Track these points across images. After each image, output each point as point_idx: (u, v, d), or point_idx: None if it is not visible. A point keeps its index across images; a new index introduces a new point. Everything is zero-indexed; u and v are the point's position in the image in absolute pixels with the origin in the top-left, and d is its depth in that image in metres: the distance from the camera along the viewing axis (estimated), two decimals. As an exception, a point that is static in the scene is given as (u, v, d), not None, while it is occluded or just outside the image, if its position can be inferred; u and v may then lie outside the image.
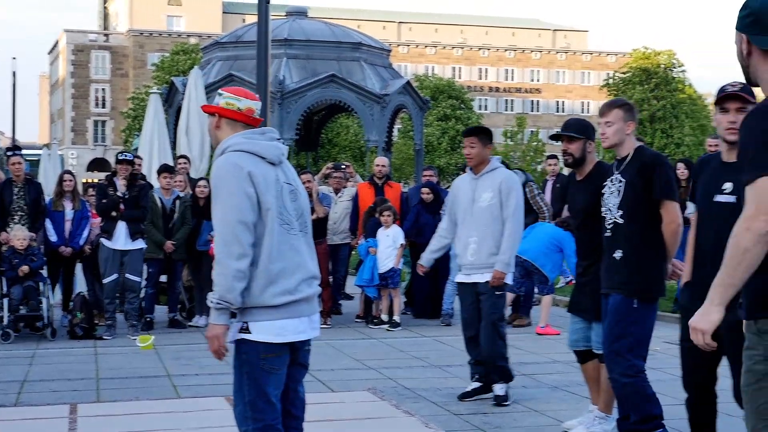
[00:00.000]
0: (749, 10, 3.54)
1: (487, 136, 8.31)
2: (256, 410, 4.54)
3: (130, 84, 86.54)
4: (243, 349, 4.54)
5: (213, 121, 4.73)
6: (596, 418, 7.03)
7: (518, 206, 8.10)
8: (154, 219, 12.50)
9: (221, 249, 4.44)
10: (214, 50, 23.05)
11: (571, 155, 7.06)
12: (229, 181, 4.47)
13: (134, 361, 10.27)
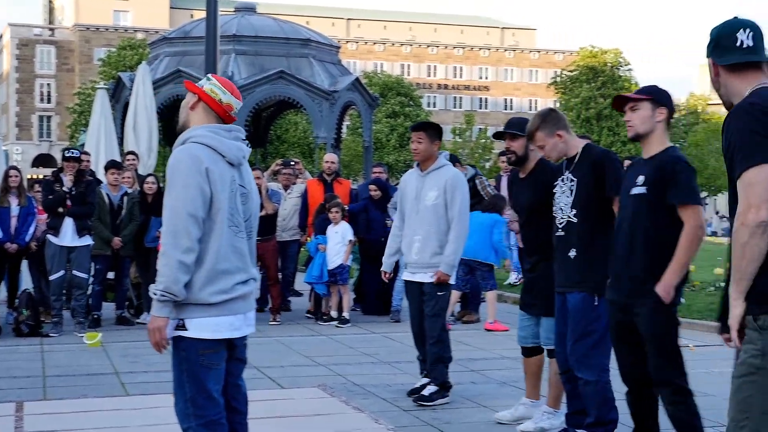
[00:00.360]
0: (711, 37, 4.00)
1: (435, 132, 8.22)
2: (197, 406, 4.55)
3: (76, 79, 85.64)
4: (181, 346, 4.55)
5: (191, 101, 4.71)
6: (545, 413, 7.09)
7: (463, 206, 8.05)
8: (102, 215, 12.40)
9: (169, 240, 4.42)
10: (161, 46, 22.87)
11: (513, 153, 7.14)
12: (186, 173, 4.45)
13: (81, 359, 10.18)
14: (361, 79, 24.26)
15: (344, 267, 12.89)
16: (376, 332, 12.29)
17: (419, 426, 7.26)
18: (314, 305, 13.62)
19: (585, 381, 6.22)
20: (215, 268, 4.48)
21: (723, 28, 4.04)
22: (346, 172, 58.80)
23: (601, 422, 6.22)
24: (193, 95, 4.69)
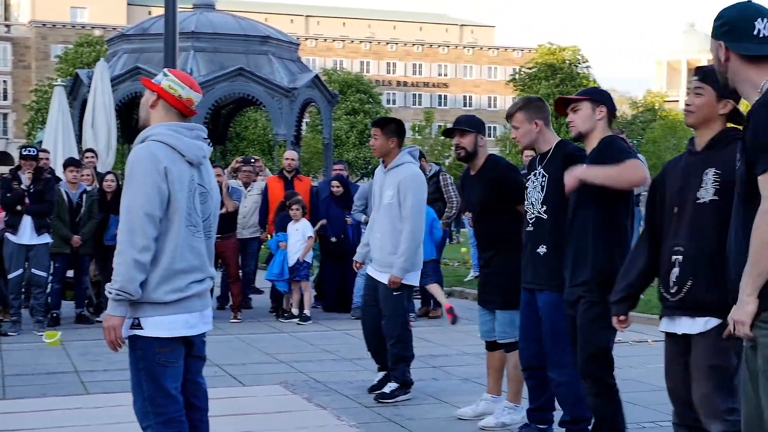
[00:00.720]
0: (723, 20, 3.89)
1: (391, 128, 8.13)
2: (156, 405, 4.56)
3: (32, 76, 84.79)
4: (138, 345, 4.55)
5: (150, 99, 4.68)
6: (505, 408, 7.13)
7: (415, 207, 7.92)
8: (61, 213, 12.32)
9: (125, 238, 4.40)
10: (119, 43, 22.71)
11: (463, 149, 7.18)
12: (144, 172, 4.44)
13: (41, 358, 10.12)
14: (321, 77, 24.20)
15: (305, 264, 12.88)
16: (336, 329, 12.30)
17: (381, 422, 7.29)
18: (275, 303, 13.60)
19: (558, 382, 6.24)
20: (171, 268, 4.48)
21: (740, 12, 3.91)
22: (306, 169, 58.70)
23: (577, 420, 6.25)
24: (151, 93, 4.67)
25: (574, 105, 5.82)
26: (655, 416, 7.35)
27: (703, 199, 4.49)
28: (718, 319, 4.43)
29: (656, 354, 10.11)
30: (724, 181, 4.41)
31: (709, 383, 4.48)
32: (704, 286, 4.48)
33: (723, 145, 4.51)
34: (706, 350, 4.48)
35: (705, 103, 4.57)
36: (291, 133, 21.85)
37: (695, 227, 4.53)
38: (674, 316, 4.63)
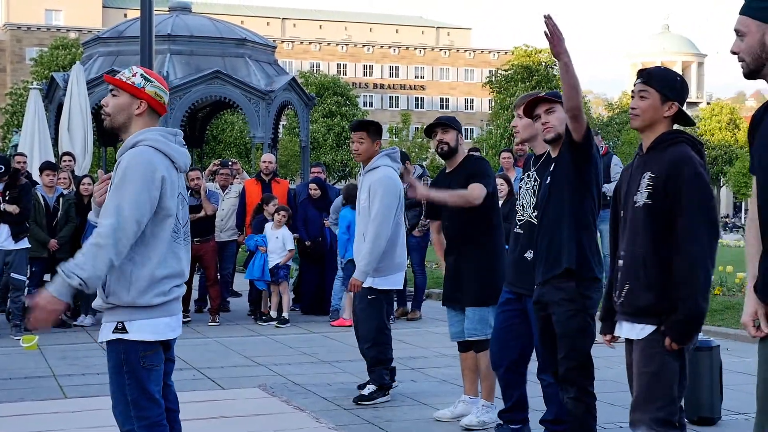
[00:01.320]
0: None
1: (375, 131, 8.06)
2: (140, 408, 4.52)
3: (7, 79, 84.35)
4: (121, 349, 4.50)
5: (135, 104, 4.58)
6: (483, 406, 7.16)
7: (382, 209, 7.81)
8: (38, 217, 12.27)
9: (110, 236, 4.31)
10: (95, 45, 22.64)
11: (446, 144, 7.24)
12: (141, 178, 4.39)
13: (18, 362, 10.08)
14: (298, 79, 24.20)
15: (284, 266, 12.88)
16: (315, 332, 12.31)
17: (360, 424, 7.30)
18: (253, 305, 13.59)
19: (548, 383, 6.27)
20: (157, 274, 4.47)
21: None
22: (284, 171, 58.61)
23: (559, 421, 6.27)
24: (133, 97, 4.57)
25: (548, 106, 5.81)
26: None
27: (638, 203, 4.48)
28: (652, 326, 4.45)
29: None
30: (656, 185, 4.41)
31: (641, 389, 4.48)
32: (639, 290, 4.48)
33: (662, 148, 4.50)
34: (639, 356, 4.49)
35: (650, 106, 4.54)
36: (268, 136, 21.84)
37: (632, 231, 4.53)
38: (620, 320, 4.66)
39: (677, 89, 4.58)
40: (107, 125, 4.64)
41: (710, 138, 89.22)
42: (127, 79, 4.58)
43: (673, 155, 4.43)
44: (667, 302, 4.41)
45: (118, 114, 4.59)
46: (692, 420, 7.27)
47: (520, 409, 6.67)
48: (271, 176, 14.07)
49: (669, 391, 4.43)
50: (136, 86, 4.58)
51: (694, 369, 7.26)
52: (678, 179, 4.36)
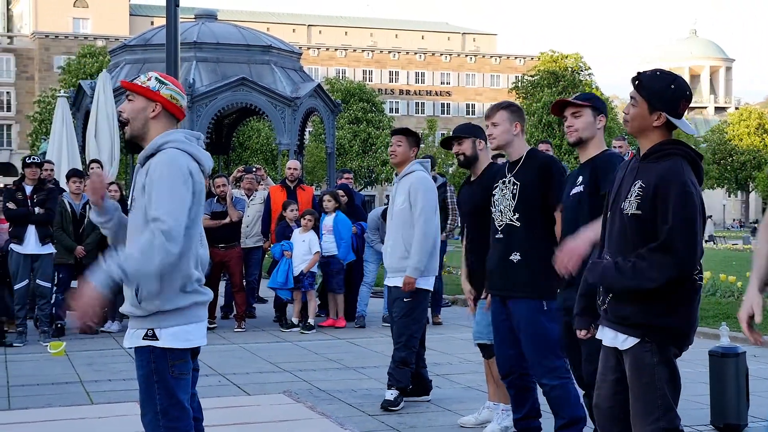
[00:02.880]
0: None
1: (414, 139, 8.30)
2: (169, 418, 4.45)
3: (35, 87, 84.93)
4: (151, 357, 4.43)
5: (150, 107, 4.53)
6: (503, 410, 7.14)
7: (426, 209, 7.99)
8: (65, 224, 12.36)
9: (164, 242, 4.22)
10: (122, 53, 22.78)
11: (462, 154, 7.26)
12: (181, 181, 4.36)
13: (46, 368, 10.14)
14: (323, 86, 24.26)
15: (309, 274, 12.89)
16: (341, 338, 12.32)
17: (385, 430, 7.31)
18: (279, 312, 13.62)
19: (550, 386, 6.26)
20: (189, 274, 4.42)
21: None
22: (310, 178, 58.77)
23: (575, 420, 6.27)
24: (149, 101, 4.53)
25: (575, 110, 5.75)
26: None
27: (626, 211, 4.40)
28: (636, 338, 4.40)
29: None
30: (645, 196, 4.33)
31: (636, 402, 4.44)
32: (621, 300, 4.42)
33: (656, 158, 4.40)
34: (630, 368, 4.44)
35: (638, 114, 4.44)
36: (294, 143, 21.90)
37: (617, 238, 4.47)
38: (603, 326, 4.60)
39: (666, 99, 4.41)
40: (127, 134, 4.60)
41: (738, 143, 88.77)
42: (141, 83, 4.54)
43: (665, 168, 4.33)
44: (651, 315, 4.35)
45: (135, 119, 4.54)
46: (718, 427, 7.24)
47: (535, 416, 6.66)
48: (296, 183, 14.11)
49: (664, 399, 4.40)
50: (150, 89, 4.54)
51: (720, 375, 7.25)
52: (666, 193, 4.27)
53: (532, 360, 6.32)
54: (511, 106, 6.59)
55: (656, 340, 4.36)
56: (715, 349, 7.42)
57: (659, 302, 4.34)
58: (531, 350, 6.30)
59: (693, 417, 7.59)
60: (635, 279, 4.27)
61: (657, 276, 4.23)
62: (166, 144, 4.46)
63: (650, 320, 4.36)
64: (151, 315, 4.40)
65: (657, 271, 4.23)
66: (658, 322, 4.35)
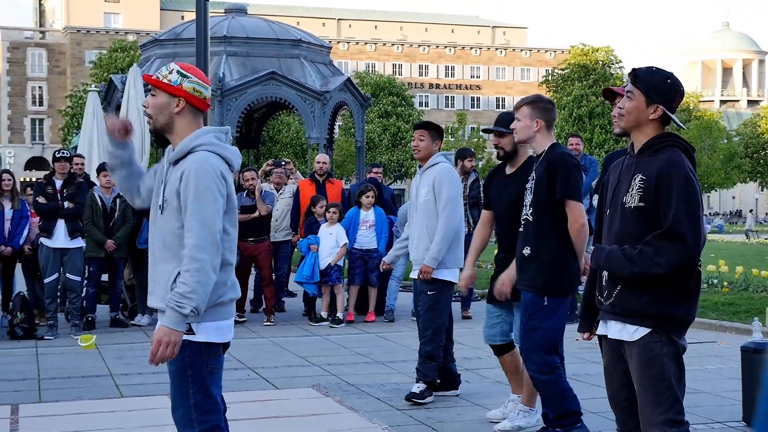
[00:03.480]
0: None
1: (437, 133, 8.29)
2: (202, 413, 4.45)
3: (67, 82, 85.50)
4: (186, 352, 4.40)
5: (173, 102, 4.49)
6: (520, 411, 7.11)
7: (450, 200, 7.99)
8: (95, 218, 12.41)
9: (204, 257, 4.25)
10: (152, 48, 22.86)
11: (502, 149, 7.22)
12: (214, 186, 4.35)
13: (76, 361, 10.20)
14: (353, 80, 24.29)
15: (336, 267, 12.90)
16: (369, 332, 12.31)
17: (413, 425, 7.29)
18: (308, 305, 13.63)
19: (537, 380, 6.36)
20: (228, 272, 4.45)
21: None
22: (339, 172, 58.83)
23: (563, 414, 6.29)
24: (172, 96, 4.48)
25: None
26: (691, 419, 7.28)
27: (628, 205, 4.45)
28: (646, 329, 4.41)
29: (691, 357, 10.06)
30: (647, 188, 4.38)
31: (646, 394, 4.44)
32: (632, 292, 4.44)
33: (653, 151, 4.46)
34: (639, 360, 4.44)
35: (634, 108, 4.48)
36: (323, 137, 21.91)
37: (620, 232, 4.49)
38: (606, 320, 4.60)
39: (663, 92, 4.48)
40: (151, 127, 4.57)
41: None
42: (163, 78, 4.48)
43: (665, 159, 4.40)
44: (663, 304, 4.39)
45: (158, 114, 4.50)
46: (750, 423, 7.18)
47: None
48: (325, 177, 14.11)
49: (673, 390, 4.42)
50: (172, 84, 4.48)
51: (752, 371, 7.18)
52: (669, 182, 4.33)
53: (524, 352, 6.40)
54: (536, 102, 6.53)
55: (667, 330, 4.41)
56: (747, 344, 7.36)
57: (670, 292, 4.39)
58: (524, 342, 6.40)
59: (725, 413, 7.54)
60: (643, 265, 4.32)
61: (665, 261, 4.29)
62: (198, 147, 4.43)
63: (662, 310, 4.40)
64: None
65: (664, 256, 4.29)
66: (669, 311, 4.41)
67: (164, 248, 4.42)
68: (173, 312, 4.21)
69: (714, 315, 12.89)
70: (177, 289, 4.24)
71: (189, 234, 4.30)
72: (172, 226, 4.40)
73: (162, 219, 4.46)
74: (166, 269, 4.40)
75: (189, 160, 4.39)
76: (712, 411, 7.62)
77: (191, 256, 4.26)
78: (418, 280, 8.07)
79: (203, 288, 4.24)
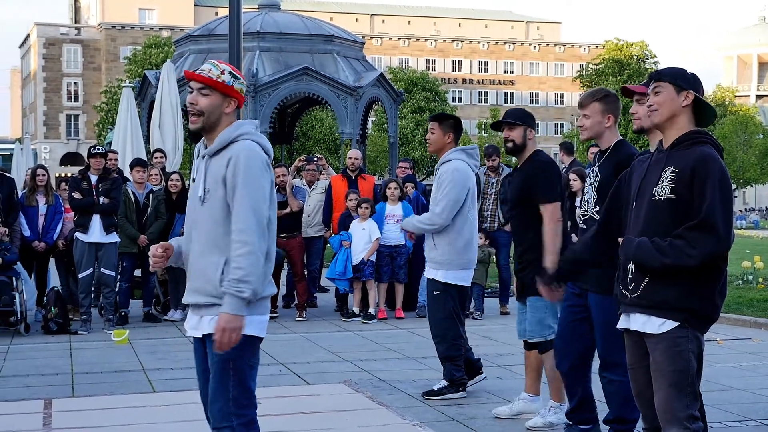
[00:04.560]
0: None
1: (448, 124, 8.12)
2: (240, 406, 4.48)
3: (102, 78, 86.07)
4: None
5: (225, 102, 4.50)
6: (551, 407, 7.07)
7: (447, 196, 7.87)
8: (128, 213, 12.48)
9: (255, 240, 4.32)
10: (186, 43, 22.96)
11: (512, 141, 7.18)
12: (261, 173, 4.40)
13: (109, 356, 10.24)
14: (386, 75, 24.28)
15: (369, 263, 12.88)
16: (401, 328, 12.29)
17: (444, 421, 7.27)
18: (340, 301, 13.63)
19: (608, 380, 6.19)
20: (267, 265, 4.48)
21: None
22: (372, 167, 58.79)
23: (622, 420, 6.19)
24: (226, 97, 4.50)
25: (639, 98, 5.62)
26: (725, 416, 7.25)
27: (658, 197, 4.45)
28: (674, 322, 4.39)
29: (726, 353, 9.99)
30: (680, 180, 4.39)
31: (669, 388, 4.42)
32: (660, 284, 4.42)
33: (687, 145, 4.47)
34: (664, 354, 4.42)
35: (666, 99, 4.51)
36: (356, 132, 21.92)
37: (650, 225, 4.48)
38: (630, 312, 4.58)
39: (689, 80, 4.56)
40: (197, 126, 4.52)
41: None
42: (216, 77, 4.48)
43: (700, 152, 4.41)
44: (693, 299, 4.39)
45: (211, 113, 4.49)
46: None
47: (588, 409, 6.57)
48: (357, 172, 14.09)
49: (694, 387, 4.43)
50: (227, 84, 4.50)
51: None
52: (705, 175, 4.34)
53: (600, 352, 6.24)
54: (607, 97, 6.35)
55: (694, 325, 4.41)
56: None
57: (699, 288, 4.39)
58: (602, 342, 6.22)
59: (760, 411, 7.48)
60: (674, 256, 4.31)
61: (696, 253, 4.29)
62: (241, 136, 4.47)
63: (691, 305, 4.39)
64: None
65: (696, 248, 4.29)
66: (698, 307, 4.41)
67: (208, 240, 4.44)
68: (233, 298, 4.28)
69: (749, 311, 12.77)
70: (232, 275, 4.30)
71: (238, 219, 4.35)
72: (216, 215, 4.43)
73: (203, 210, 4.47)
74: (212, 261, 4.43)
75: (235, 148, 4.43)
76: (747, 408, 7.55)
77: (242, 240, 4.32)
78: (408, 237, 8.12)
79: (258, 270, 4.31)
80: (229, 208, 4.40)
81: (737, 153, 75.25)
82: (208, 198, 4.45)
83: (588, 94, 6.43)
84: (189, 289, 4.56)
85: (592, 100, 6.31)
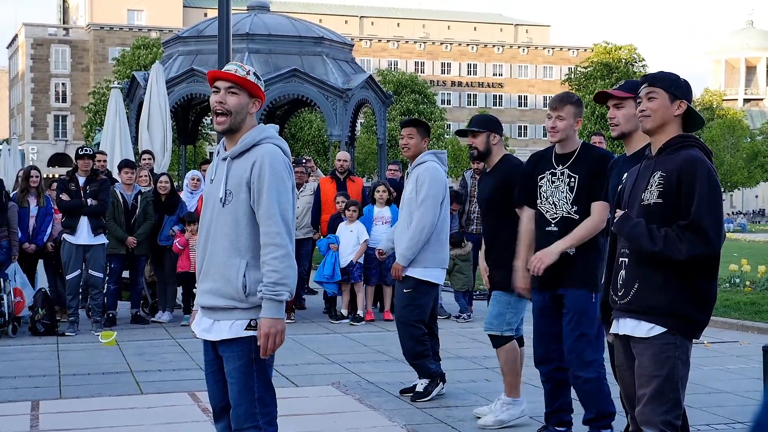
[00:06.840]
0: None
1: (424, 129, 8.21)
2: (265, 405, 4.51)
3: (90, 78, 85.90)
4: (253, 347, 4.44)
5: (251, 102, 4.51)
6: (504, 404, 7.10)
7: (428, 198, 7.89)
8: (116, 215, 12.45)
9: (287, 243, 4.34)
10: (175, 45, 22.93)
11: (476, 149, 7.30)
12: (286, 176, 4.43)
13: (97, 357, 10.22)
14: (375, 77, 24.26)
15: (358, 265, 12.88)
16: (389, 330, 12.28)
17: (433, 424, 7.27)
18: (328, 303, 13.63)
19: (584, 379, 6.23)
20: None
21: None
22: (361, 169, 58.82)
23: (602, 415, 6.26)
24: (252, 97, 4.50)
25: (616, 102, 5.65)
26: (712, 419, 7.27)
27: (647, 201, 4.48)
28: (662, 328, 4.41)
29: (713, 356, 10.01)
30: (667, 184, 4.41)
31: (652, 392, 4.43)
32: (650, 290, 4.45)
33: (673, 150, 4.50)
34: (651, 359, 4.44)
35: (660, 106, 4.53)
36: (345, 134, 21.91)
37: None
38: (619, 318, 4.60)
39: (683, 88, 4.59)
40: (224, 127, 4.49)
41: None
42: (245, 76, 4.48)
43: (687, 156, 4.44)
44: (682, 305, 4.41)
45: (238, 113, 4.48)
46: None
47: (567, 411, 6.61)
48: (346, 174, 14.09)
49: (677, 394, 4.44)
50: (254, 83, 4.51)
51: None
52: (692, 177, 4.37)
53: (571, 350, 6.29)
54: (578, 101, 6.47)
55: (683, 332, 4.44)
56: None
57: (690, 295, 4.42)
58: (572, 341, 6.27)
59: (747, 413, 7.48)
60: (665, 246, 4.34)
61: (685, 250, 4.32)
62: (264, 140, 4.48)
63: (681, 311, 4.42)
64: (255, 306, 4.42)
65: (686, 245, 4.32)
66: (688, 313, 4.43)
67: (229, 242, 4.43)
68: (271, 302, 4.32)
69: (736, 314, 12.81)
70: (268, 279, 4.32)
71: (269, 222, 4.36)
72: (238, 217, 4.43)
73: (224, 212, 4.46)
74: (233, 263, 4.42)
75: (259, 151, 4.44)
76: (734, 411, 7.57)
77: (275, 243, 4.34)
78: (392, 275, 8.14)
79: (292, 272, 4.35)
80: (252, 212, 4.41)
81: (725, 156, 75.47)
82: (230, 200, 4.45)
83: (561, 97, 6.53)
84: (203, 291, 4.54)
85: (567, 102, 6.42)
